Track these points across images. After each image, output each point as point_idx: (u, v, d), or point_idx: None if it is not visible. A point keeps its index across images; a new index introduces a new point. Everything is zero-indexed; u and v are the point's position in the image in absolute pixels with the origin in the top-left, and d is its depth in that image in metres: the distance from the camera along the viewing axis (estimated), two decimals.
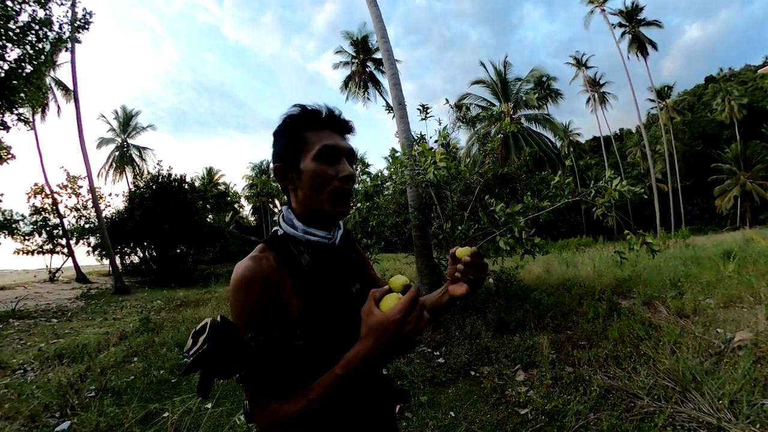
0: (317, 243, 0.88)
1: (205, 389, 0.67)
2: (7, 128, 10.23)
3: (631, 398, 2.93)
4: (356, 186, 6.39)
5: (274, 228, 0.93)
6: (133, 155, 36.11)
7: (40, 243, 17.31)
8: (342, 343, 0.76)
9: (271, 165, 0.93)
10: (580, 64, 39.72)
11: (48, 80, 21.19)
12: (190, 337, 0.65)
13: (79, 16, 11.44)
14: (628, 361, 3.57)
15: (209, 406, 3.34)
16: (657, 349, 3.63)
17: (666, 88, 42.54)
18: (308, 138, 0.86)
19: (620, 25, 33.77)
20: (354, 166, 0.93)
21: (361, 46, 28.03)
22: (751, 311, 4.58)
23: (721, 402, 2.63)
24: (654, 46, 33.80)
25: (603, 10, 33.17)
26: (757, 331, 3.85)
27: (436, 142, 5.54)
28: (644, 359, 3.53)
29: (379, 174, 6.17)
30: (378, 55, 25.29)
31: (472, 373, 3.83)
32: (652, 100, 40.52)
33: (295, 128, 0.88)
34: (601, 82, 40.40)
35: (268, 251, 0.84)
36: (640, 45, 33.52)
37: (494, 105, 27.34)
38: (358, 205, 5.50)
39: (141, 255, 18.82)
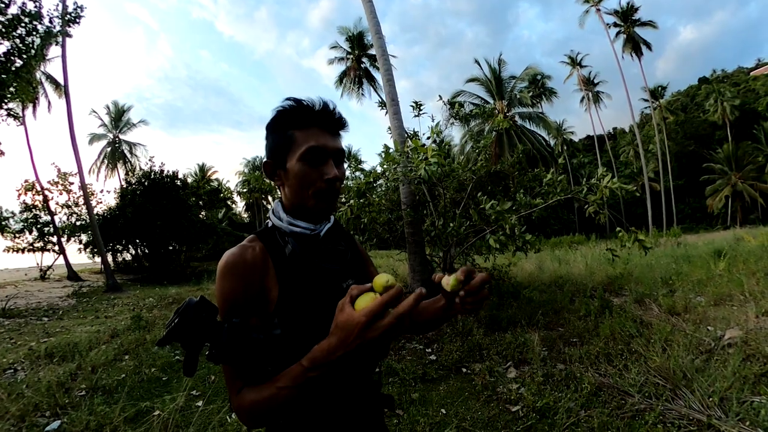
0: (300, 234, 0.89)
1: (189, 368, 0.69)
2: None
3: (622, 395, 2.95)
4: (350, 183, 6.37)
5: (266, 220, 0.96)
6: (125, 151, 35.79)
7: (31, 241, 17.08)
8: (322, 335, 0.76)
9: (264, 160, 0.95)
10: (574, 63, 39.88)
11: (38, 75, 20.94)
12: (173, 314, 0.68)
13: (70, 9, 11.28)
14: (620, 358, 3.58)
15: (200, 404, 3.32)
16: (648, 346, 3.65)
17: (659, 88, 42.86)
18: (296, 137, 0.86)
19: (615, 25, 33.95)
20: (343, 165, 0.93)
21: (357, 42, 27.93)
22: (741, 309, 4.63)
23: (711, 399, 2.65)
24: (648, 46, 34.02)
25: (598, 10, 33.33)
26: (747, 329, 3.88)
27: (428, 138, 5.53)
28: (635, 357, 3.55)
29: (372, 171, 6.14)
30: (373, 52, 25.20)
31: (464, 370, 3.84)
32: (646, 100, 40.77)
33: (285, 125, 0.88)
34: (596, 81, 40.57)
35: (256, 241, 0.87)
36: (635, 45, 33.71)
37: (488, 102, 27.40)
38: (350, 202, 5.48)
39: (133, 252, 18.64)
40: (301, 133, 0.86)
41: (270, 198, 42.65)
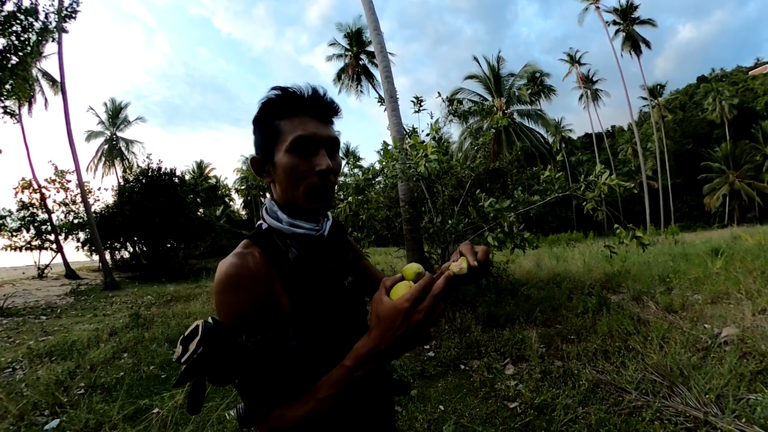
0: (304, 236, 0.82)
1: (195, 405, 0.61)
2: None
3: (620, 392, 2.96)
4: (348, 180, 6.36)
5: (258, 222, 0.87)
6: (123, 149, 35.65)
7: (28, 239, 17.03)
8: (336, 339, 0.73)
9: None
10: (573, 60, 39.86)
11: (35, 72, 20.81)
12: (179, 344, 0.59)
13: (66, 4, 11.21)
14: (617, 355, 3.59)
15: None
16: (645, 343, 3.66)
17: (658, 87, 42.89)
18: (282, 127, 0.79)
19: (614, 23, 33.92)
20: (338, 155, 0.86)
21: (355, 39, 27.87)
22: (738, 307, 4.64)
23: (707, 396, 2.66)
24: (647, 44, 34.01)
25: (598, 8, 33.34)
26: (744, 326, 3.90)
27: (427, 135, 5.53)
28: (633, 354, 3.55)
29: (371, 168, 6.14)
30: (372, 48, 25.12)
31: (462, 366, 3.85)
32: (645, 98, 40.79)
33: (270, 116, 0.80)
34: (594, 79, 40.59)
35: (253, 246, 0.79)
36: (634, 43, 33.71)
37: (487, 100, 27.38)
38: (349, 199, 5.48)
39: (131, 250, 18.63)
40: (288, 122, 0.78)
41: (268, 195, 42.50)
